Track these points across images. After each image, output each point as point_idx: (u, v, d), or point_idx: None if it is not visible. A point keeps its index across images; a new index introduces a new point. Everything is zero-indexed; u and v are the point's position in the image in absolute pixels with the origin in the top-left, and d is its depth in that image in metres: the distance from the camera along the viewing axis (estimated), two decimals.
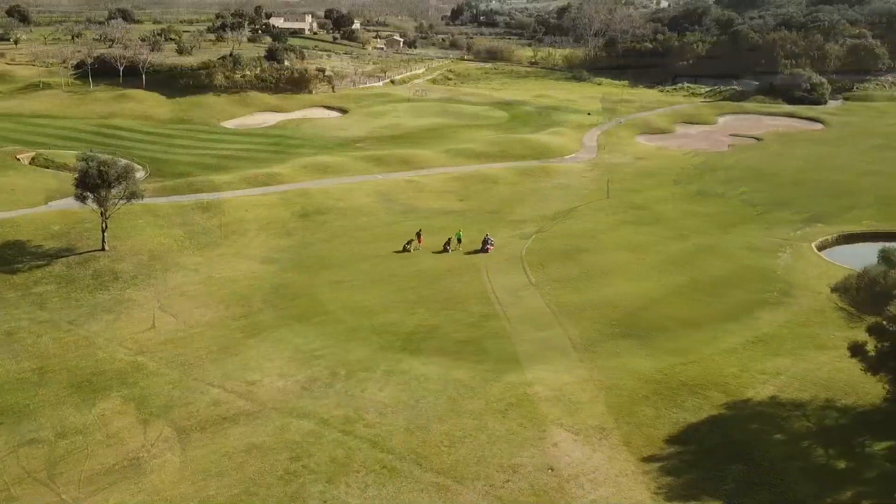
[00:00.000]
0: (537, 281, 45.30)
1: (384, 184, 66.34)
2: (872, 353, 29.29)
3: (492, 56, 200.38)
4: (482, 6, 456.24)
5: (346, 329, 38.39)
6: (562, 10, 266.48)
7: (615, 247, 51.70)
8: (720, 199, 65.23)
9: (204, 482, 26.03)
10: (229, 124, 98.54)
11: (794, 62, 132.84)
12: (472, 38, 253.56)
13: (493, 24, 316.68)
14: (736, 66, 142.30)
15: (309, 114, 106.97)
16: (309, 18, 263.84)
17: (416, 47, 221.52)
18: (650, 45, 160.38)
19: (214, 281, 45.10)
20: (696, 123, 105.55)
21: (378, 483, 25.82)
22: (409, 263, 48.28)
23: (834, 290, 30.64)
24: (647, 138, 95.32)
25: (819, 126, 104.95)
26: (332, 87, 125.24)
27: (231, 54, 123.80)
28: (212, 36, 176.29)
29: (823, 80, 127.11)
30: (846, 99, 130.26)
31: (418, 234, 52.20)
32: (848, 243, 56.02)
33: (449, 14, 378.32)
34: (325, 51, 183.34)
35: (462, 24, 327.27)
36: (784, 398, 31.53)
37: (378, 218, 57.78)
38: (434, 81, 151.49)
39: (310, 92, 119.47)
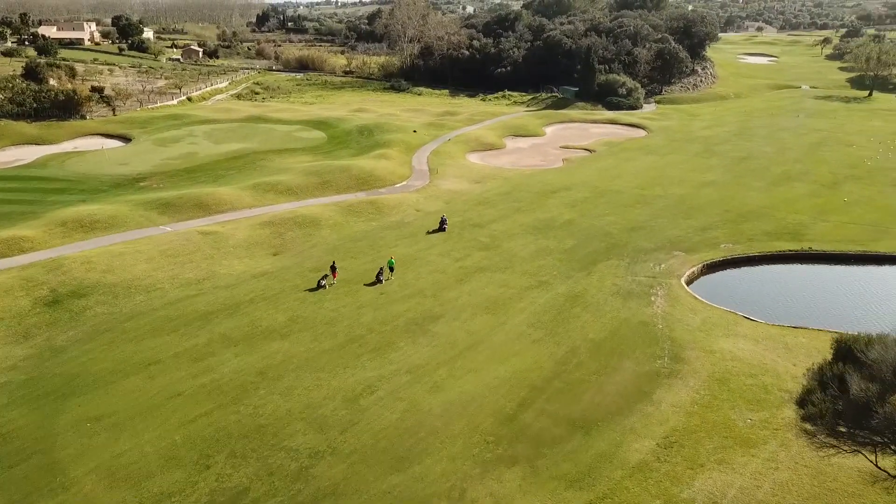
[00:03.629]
0: (382, 376, 34.35)
1: (172, 240, 51.86)
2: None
3: (303, 66, 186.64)
4: (290, 12, 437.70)
5: None
6: (373, 16, 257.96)
7: (471, 309, 42.11)
8: (569, 227, 58.38)
9: None
10: None
11: (607, 67, 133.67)
12: (280, 45, 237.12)
13: (303, 31, 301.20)
14: (553, 71, 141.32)
15: (81, 145, 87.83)
16: (91, 27, 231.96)
17: (217, 57, 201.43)
18: (467, 53, 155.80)
19: None
20: (526, 136, 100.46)
21: None
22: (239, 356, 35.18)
23: (804, 418, 23.05)
24: (480, 156, 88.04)
25: (642, 132, 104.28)
26: (113, 110, 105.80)
27: None
28: None
29: (637, 84, 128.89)
30: (658, 102, 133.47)
31: (333, 268, 45.85)
32: (711, 272, 51.20)
33: (255, 20, 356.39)
34: (109, 65, 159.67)
35: (269, 31, 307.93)
36: None
37: (162, 295, 43.59)
38: (239, 97, 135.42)
39: (83, 117, 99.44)
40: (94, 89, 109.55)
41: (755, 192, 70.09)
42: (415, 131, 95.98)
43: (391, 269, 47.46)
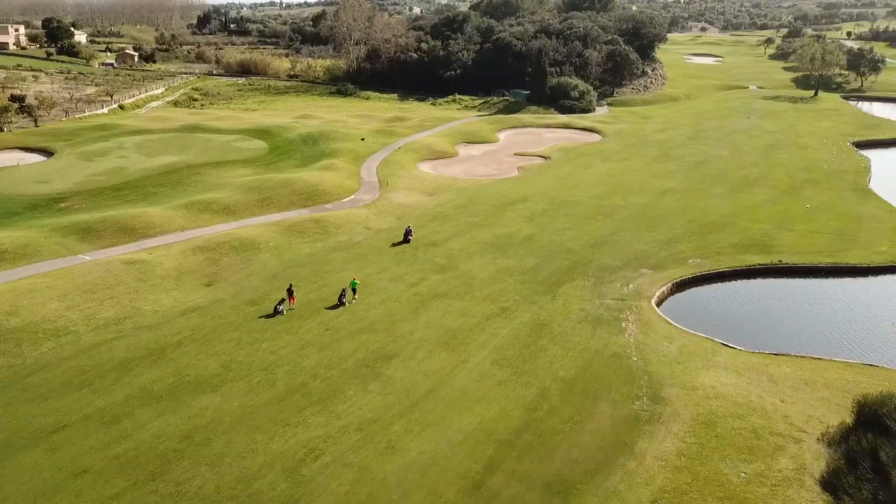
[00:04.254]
0: (329, 435, 29.95)
1: (91, 272, 46.22)
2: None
3: (245, 70, 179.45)
4: (233, 13, 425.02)
5: None
6: (317, 18, 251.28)
7: (428, 345, 37.98)
8: (529, 244, 54.86)
9: None
10: None
11: (559, 70, 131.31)
12: (222, 48, 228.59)
13: (246, 33, 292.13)
14: (504, 74, 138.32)
15: None
16: (18, 29, 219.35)
17: (154, 62, 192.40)
18: (415, 55, 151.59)
19: None
20: (479, 143, 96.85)
21: None
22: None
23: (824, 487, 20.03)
24: (432, 165, 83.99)
25: (597, 137, 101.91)
26: (35, 121, 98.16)
27: None
28: None
29: (589, 87, 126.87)
30: (610, 105, 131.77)
31: (290, 291, 42.65)
32: (682, 291, 48.31)
33: (195, 22, 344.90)
34: (34, 71, 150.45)
35: (211, 34, 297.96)
36: None
37: (75, 340, 38.15)
38: (176, 104, 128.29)
39: (0, 129, 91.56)
40: (13, 98, 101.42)
41: (716, 199, 67.94)
42: (363, 139, 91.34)
43: (354, 291, 43.92)
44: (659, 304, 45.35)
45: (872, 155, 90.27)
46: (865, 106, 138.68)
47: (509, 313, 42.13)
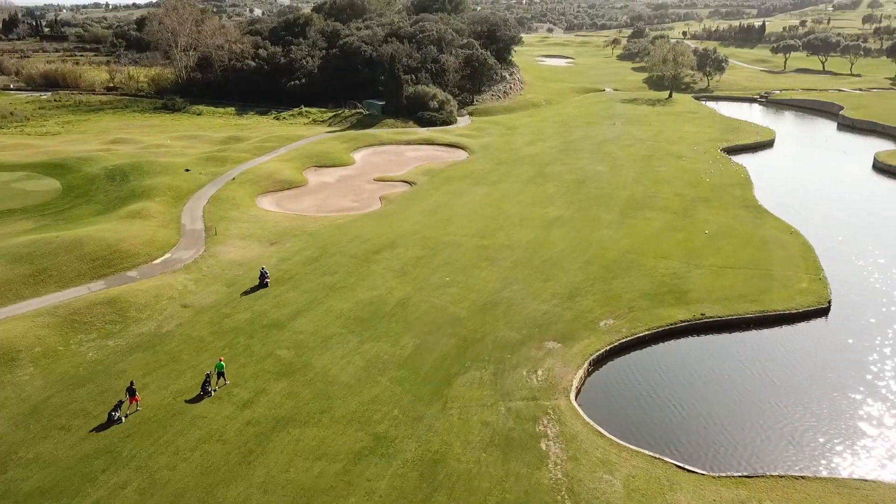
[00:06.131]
0: None
1: None
2: None
3: (52, 83, 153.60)
4: (50, 16, 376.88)
5: None
6: (142, 21, 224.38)
7: None
8: (404, 313, 42.76)
9: None
10: None
11: (414, 77, 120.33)
12: (28, 56, 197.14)
13: (62, 38, 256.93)
14: (355, 83, 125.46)
15: None
16: None
17: None
18: (253, 63, 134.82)
19: None
20: (332, 166, 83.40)
21: None
22: None
23: None
24: (275, 200, 69.56)
25: (463, 154, 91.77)
26: None
27: None
28: None
29: (449, 96, 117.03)
30: (471, 114, 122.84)
31: (130, 391, 32.12)
32: (600, 368, 38.20)
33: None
34: None
35: (19, 39, 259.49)
36: None
37: None
38: None
39: None
40: None
41: (609, 228, 59.36)
42: (187, 170, 74.95)
43: (221, 375, 34.51)
44: (578, 394, 34.87)
45: (744, 161, 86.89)
46: (713, 105, 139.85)
47: (387, 445, 29.67)
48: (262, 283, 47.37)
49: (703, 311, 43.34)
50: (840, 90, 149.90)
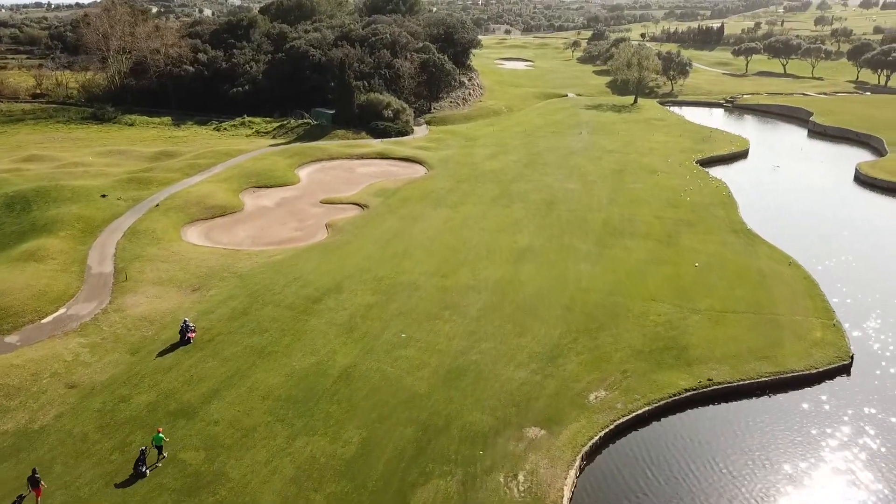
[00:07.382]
0: None
1: None
2: None
3: None
4: None
5: None
6: (77, 22, 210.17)
7: None
8: (349, 389, 34.57)
9: None
10: None
11: (367, 84, 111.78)
12: None
13: None
14: (303, 90, 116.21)
15: None
16: None
17: None
18: (192, 68, 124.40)
19: None
20: (273, 187, 74.38)
21: None
22: None
23: None
24: (204, 231, 60.44)
25: (421, 170, 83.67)
26: None
27: None
28: None
29: (404, 104, 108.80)
30: (428, 123, 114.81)
31: (32, 480, 25.81)
32: (594, 462, 30.65)
33: None
34: None
35: None
36: None
37: None
38: None
39: None
40: None
41: (587, 262, 52.03)
42: (104, 195, 65.21)
43: (160, 450, 29.19)
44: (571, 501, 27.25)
45: (721, 174, 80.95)
46: (678, 110, 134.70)
47: None
48: (184, 339, 39.01)
49: (709, 376, 36.20)
50: (805, 94, 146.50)
